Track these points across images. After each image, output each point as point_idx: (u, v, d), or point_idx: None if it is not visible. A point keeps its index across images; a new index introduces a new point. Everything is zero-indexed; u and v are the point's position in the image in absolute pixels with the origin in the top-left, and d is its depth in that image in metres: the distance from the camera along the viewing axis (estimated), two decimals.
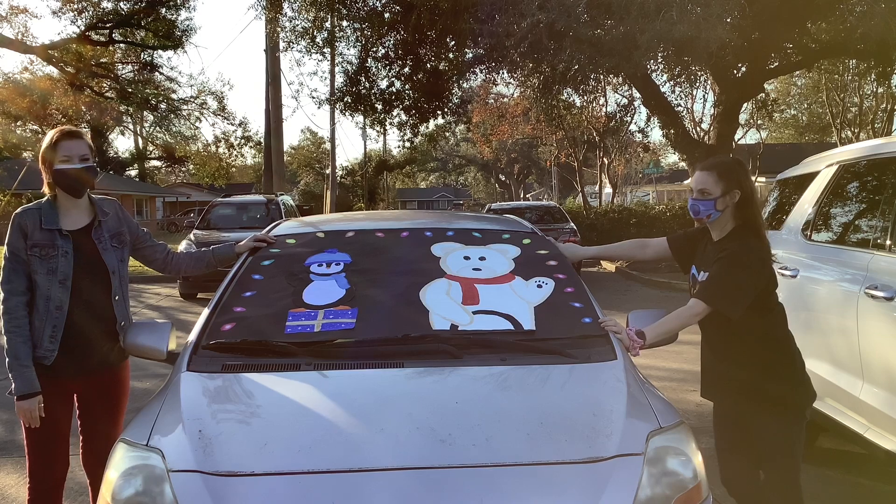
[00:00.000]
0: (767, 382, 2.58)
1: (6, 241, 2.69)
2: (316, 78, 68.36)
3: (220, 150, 26.24)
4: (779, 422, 2.59)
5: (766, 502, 2.69)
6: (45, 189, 2.77)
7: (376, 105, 13.99)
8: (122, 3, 19.36)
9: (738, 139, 23.80)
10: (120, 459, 1.99)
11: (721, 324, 2.59)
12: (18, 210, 2.73)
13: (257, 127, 73.80)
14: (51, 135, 2.73)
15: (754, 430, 2.65)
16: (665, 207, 22.07)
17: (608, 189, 30.16)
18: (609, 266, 16.14)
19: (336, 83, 19.76)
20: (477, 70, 13.25)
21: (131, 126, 47.01)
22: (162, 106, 23.31)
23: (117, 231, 2.88)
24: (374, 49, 13.70)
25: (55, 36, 34.39)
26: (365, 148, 46.70)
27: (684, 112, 17.89)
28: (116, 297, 2.82)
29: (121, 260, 2.87)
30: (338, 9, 12.93)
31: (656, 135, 76.73)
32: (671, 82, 12.92)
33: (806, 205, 4.24)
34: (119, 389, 2.94)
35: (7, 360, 2.65)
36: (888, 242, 3.31)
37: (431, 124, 16.39)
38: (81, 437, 2.94)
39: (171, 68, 55.93)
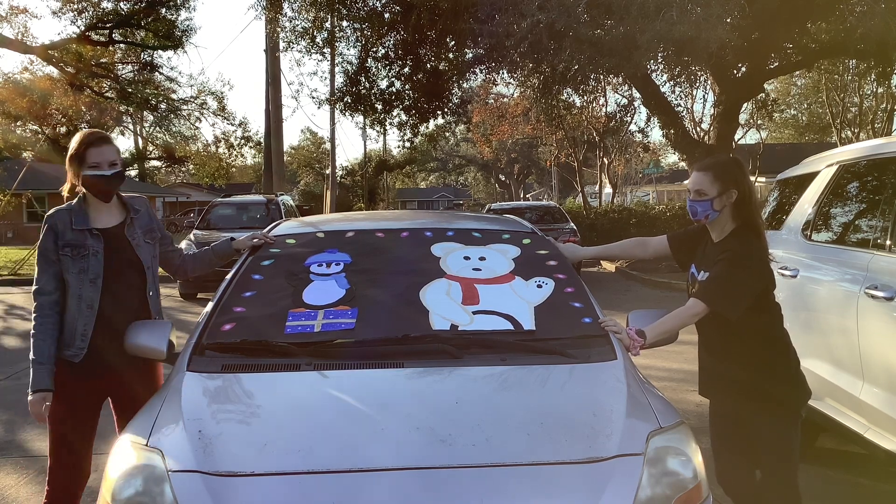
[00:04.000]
0: (763, 381, 2.58)
1: (39, 243, 2.74)
2: (316, 78, 68.28)
3: (220, 150, 26.26)
4: (775, 420, 2.59)
5: (764, 501, 2.69)
6: (65, 189, 2.81)
7: (376, 105, 13.98)
8: (122, 3, 19.36)
9: (738, 139, 23.77)
10: (120, 459, 1.99)
11: (718, 323, 2.59)
12: (51, 212, 2.78)
13: (257, 127, 73.80)
14: (80, 139, 2.76)
15: (751, 429, 2.65)
16: (665, 207, 22.09)
17: (608, 189, 30.15)
18: (609, 266, 16.14)
19: (336, 83, 19.75)
20: (477, 70, 13.24)
21: (131, 126, 46.98)
22: (162, 106, 23.32)
23: (149, 227, 2.93)
24: (374, 49, 13.69)
25: (55, 36, 34.42)
26: (365, 148, 46.83)
27: (684, 112, 17.89)
28: (151, 293, 2.85)
29: (153, 256, 2.92)
30: (338, 9, 12.93)
31: (656, 135, 76.76)
32: (671, 82, 12.90)
33: (806, 205, 4.24)
34: (154, 387, 2.89)
35: (33, 349, 2.68)
36: (888, 242, 3.31)
37: (431, 124, 16.38)
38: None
39: (171, 68, 55.88)
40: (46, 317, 2.67)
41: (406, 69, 13.70)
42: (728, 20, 9.26)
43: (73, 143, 2.77)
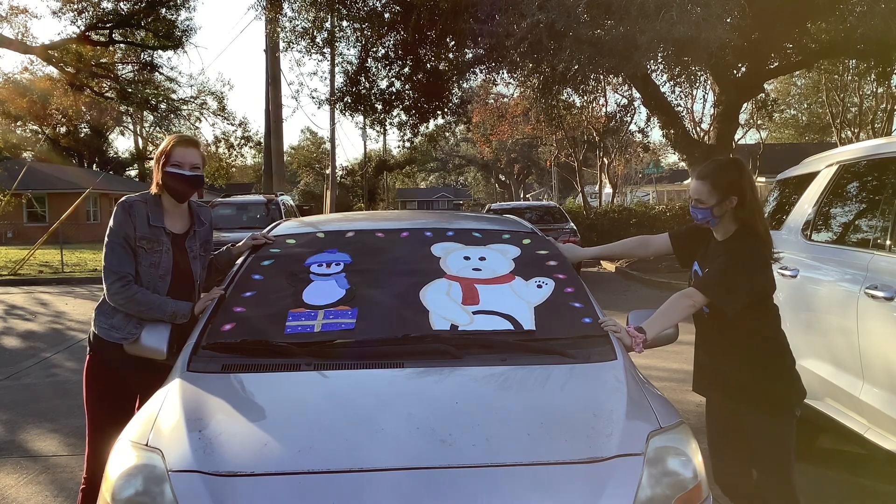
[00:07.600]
0: (758, 381, 2.59)
1: (115, 227, 2.76)
2: (316, 78, 68.20)
3: (220, 150, 26.23)
4: (770, 419, 2.59)
5: (761, 500, 2.69)
6: (153, 188, 2.86)
7: (376, 105, 13.97)
8: (122, 4, 19.37)
9: (738, 139, 23.80)
10: (120, 459, 1.99)
11: (715, 322, 2.60)
12: (125, 199, 2.81)
13: (257, 127, 73.78)
14: (168, 140, 2.84)
15: (746, 429, 2.65)
16: (665, 207, 22.10)
17: (608, 189, 30.15)
18: (609, 266, 16.14)
19: (336, 83, 19.77)
20: (477, 70, 13.26)
21: (131, 126, 47.03)
22: (162, 106, 23.30)
23: (206, 239, 2.99)
24: (374, 49, 13.69)
25: (55, 36, 34.45)
26: (365, 148, 46.88)
27: (684, 112, 17.92)
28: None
29: (203, 268, 2.97)
30: (338, 9, 12.93)
31: (656, 135, 76.82)
32: (671, 82, 12.93)
33: (806, 205, 4.24)
34: None
35: (152, 312, 2.72)
36: (888, 242, 3.31)
37: (431, 124, 16.38)
38: None
39: (171, 68, 55.89)
40: (139, 289, 2.72)
41: (406, 69, 13.69)
42: (728, 20, 9.26)
43: (162, 143, 2.85)
